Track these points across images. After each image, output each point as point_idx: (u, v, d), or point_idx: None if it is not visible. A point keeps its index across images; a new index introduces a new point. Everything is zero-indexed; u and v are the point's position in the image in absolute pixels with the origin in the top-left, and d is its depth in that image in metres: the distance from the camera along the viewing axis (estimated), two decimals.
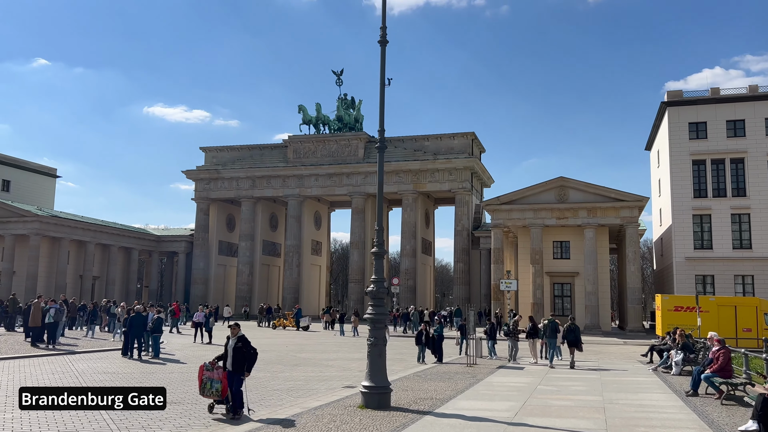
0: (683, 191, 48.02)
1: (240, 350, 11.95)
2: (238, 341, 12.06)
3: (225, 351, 12.15)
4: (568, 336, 23.18)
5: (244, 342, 12.08)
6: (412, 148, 66.21)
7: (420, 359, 24.61)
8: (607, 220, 46.90)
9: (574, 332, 23.14)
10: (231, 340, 12.20)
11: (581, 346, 23.72)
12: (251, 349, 12.09)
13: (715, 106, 48.17)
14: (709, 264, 47.18)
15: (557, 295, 49.53)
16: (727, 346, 14.89)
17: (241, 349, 11.96)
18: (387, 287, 13.31)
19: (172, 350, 26.95)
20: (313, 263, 74.95)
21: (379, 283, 13.30)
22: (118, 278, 70.88)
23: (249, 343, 12.12)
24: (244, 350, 11.96)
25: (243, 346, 12.00)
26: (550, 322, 24.35)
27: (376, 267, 13.56)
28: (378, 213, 13.57)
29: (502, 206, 48.46)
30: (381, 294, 13.27)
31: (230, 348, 12.06)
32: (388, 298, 61.01)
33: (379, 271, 13.52)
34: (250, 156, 71.67)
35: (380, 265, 13.59)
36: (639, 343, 38.21)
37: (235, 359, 11.89)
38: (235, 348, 11.99)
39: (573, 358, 23.05)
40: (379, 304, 13.32)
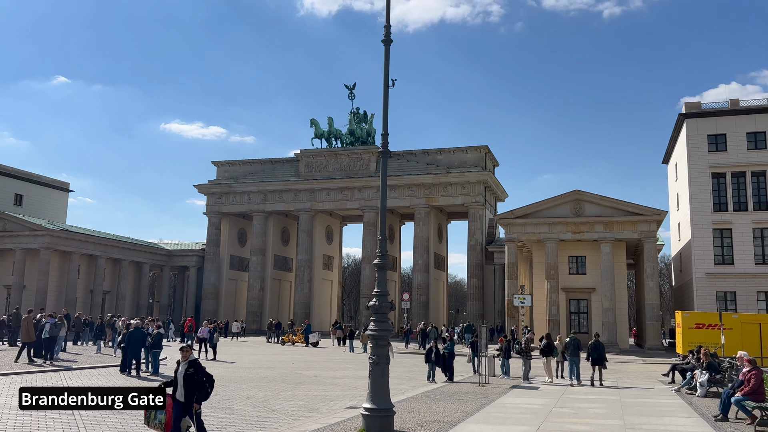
0: (702, 205, 46.69)
1: (191, 378, 9.81)
2: (189, 366, 9.92)
3: (174, 378, 10.02)
4: (592, 353, 22.62)
5: (197, 368, 9.97)
6: (425, 162, 65.40)
7: (430, 378, 23.61)
8: (624, 234, 45.66)
9: (598, 349, 22.56)
10: (181, 366, 10.01)
11: (606, 363, 23.00)
12: (204, 375, 9.97)
13: (735, 117, 46.93)
14: (730, 280, 45.70)
15: (573, 311, 48.20)
16: (758, 366, 13.76)
17: (192, 376, 9.82)
18: (391, 301, 12.39)
19: None
20: (324, 278, 74.10)
21: (382, 296, 12.42)
22: (128, 293, 70.47)
23: (202, 370, 10.05)
24: (195, 377, 9.82)
25: (195, 372, 9.87)
26: (573, 340, 23.65)
27: (378, 279, 12.70)
28: (381, 221, 12.73)
29: (516, 220, 47.41)
30: (384, 309, 12.39)
31: (180, 375, 9.90)
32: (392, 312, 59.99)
33: (382, 283, 12.65)
34: (262, 170, 71.28)
35: (383, 277, 12.73)
36: (659, 361, 36.86)
37: (186, 388, 9.77)
38: (186, 375, 9.83)
39: (600, 376, 22.57)
40: (381, 320, 12.43)
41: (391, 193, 65.06)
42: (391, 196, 65.08)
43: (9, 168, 69.49)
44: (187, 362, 9.97)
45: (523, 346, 24.65)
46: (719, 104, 47.90)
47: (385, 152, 13.00)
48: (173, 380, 10.02)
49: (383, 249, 12.73)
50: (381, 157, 13.07)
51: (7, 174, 68.86)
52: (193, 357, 10.17)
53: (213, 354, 30.08)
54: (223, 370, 25.20)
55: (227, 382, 20.72)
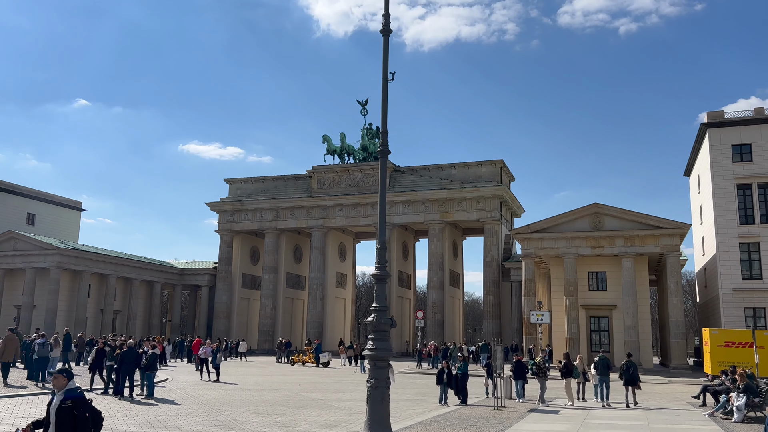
0: (728, 217, 44.83)
1: (67, 412, 7.39)
2: (66, 398, 7.49)
3: (47, 412, 7.58)
4: (625, 374, 21.97)
5: (77, 400, 7.50)
6: (439, 177, 64.21)
7: (442, 401, 22.15)
8: (646, 249, 43.91)
9: (630, 370, 21.94)
10: (55, 397, 7.62)
11: (639, 384, 22.35)
12: (89, 410, 7.55)
13: (760, 126, 45.18)
14: (759, 296, 43.65)
15: (594, 329, 46.34)
16: None
17: (69, 410, 7.39)
18: (391, 318, 11.09)
19: (175, 388, 24.94)
20: (337, 296, 72.76)
21: (381, 312, 11.14)
22: (140, 312, 69.65)
23: (85, 403, 7.58)
24: (75, 412, 7.39)
25: (74, 405, 7.43)
26: (602, 359, 22.71)
27: (377, 293, 11.42)
28: (380, 226, 11.50)
29: (533, 235, 45.85)
30: (383, 326, 11.11)
31: (53, 408, 7.48)
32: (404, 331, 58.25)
33: (381, 297, 11.37)
34: (274, 187, 70.52)
35: (382, 290, 11.46)
36: (685, 381, 34.98)
37: (60, 426, 7.36)
38: (60, 408, 7.41)
39: (634, 397, 22.02)
40: (381, 338, 11.14)
41: (404, 209, 63.92)
42: (405, 212, 63.92)
43: (21, 187, 69.39)
44: (62, 392, 7.55)
45: (540, 366, 23.15)
46: (743, 113, 46.18)
47: (384, 151, 11.82)
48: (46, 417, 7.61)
49: (382, 259, 11.48)
50: (380, 156, 11.90)
51: (19, 193, 68.75)
52: (74, 386, 7.69)
53: (216, 375, 28.81)
54: (224, 392, 23.92)
55: (224, 406, 19.44)
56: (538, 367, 23.40)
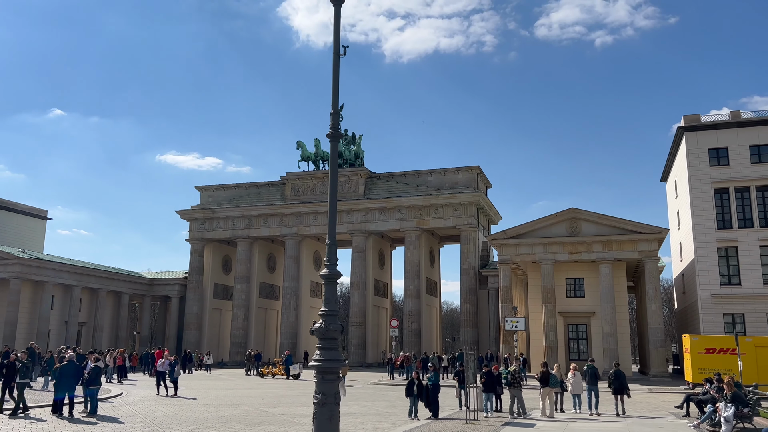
0: (706, 222, 44.21)
1: None
2: None
3: None
4: (613, 383, 21.89)
5: None
6: (415, 184, 63.04)
7: (411, 414, 20.78)
8: (624, 254, 43.08)
9: (619, 378, 21.85)
10: None
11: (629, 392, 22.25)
12: None
13: (737, 130, 44.74)
14: (737, 301, 43.00)
15: (572, 337, 45.33)
16: None
17: None
18: (341, 323, 9.71)
19: (125, 404, 23.21)
20: (312, 306, 71.00)
21: (330, 317, 9.78)
22: (106, 324, 67.29)
23: None
24: None
25: None
26: (590, 368, 22.70)
27: (326, 295, 10.07)
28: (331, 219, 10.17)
29: (510, 240, 44.82)
30: (332, 332, 9.74)
31: None
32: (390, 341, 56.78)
33: (331, 300, 10.02)
34: (247, 194, 68.82)
35: (332, 292, 10.10)
36: (666, 390, 34.01)
37: None
38: None
39: (623, 406, 21.84)
40: (330, 347, 9.77)
41: (380, 216, 62.64)
42: (381, 219, 62.63)
43: None
44: None
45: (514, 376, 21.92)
46: (720, 116, 45.72)
47: (335, 135, 10.52)
48: None
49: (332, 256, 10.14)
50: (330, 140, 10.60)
51: None
52: None
53: (174, 389, 27.09)
54: (178, 408, 22.27)
55: (172, 424, 17.85)
56: (512, 376, 22.15)
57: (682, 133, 46.16)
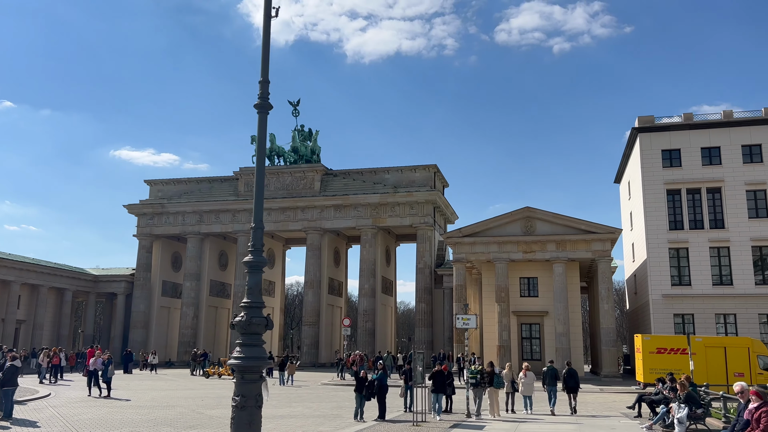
0: (658, 222, 44.49)
1: None
2: None
3: None
4: (569, 381, 22.34)
5: None
6: (372, 181, 62.08)
7: (357, 416, 19.80)
8: (578, 254, 43.02)
9: (574, 377, 22.45)
10: None
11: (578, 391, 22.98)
12: None
13: (689, 132, 45.20)
14: (687, 302, 43.37)
15: (525, 336, 45.10)
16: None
17: None
18: (267, 316, 8.66)
19: (49, 406, 21.59)
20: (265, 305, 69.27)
21: (253, 309, 8.73)
22: (48, 322, 64.33)
23: None
24: None
25: None
26: (550, 369, 22.99)
27: (250, 285, 9.01)
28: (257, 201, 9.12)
29: (465, 239, 44.30)
30: (256, 327, 8.69)
31: None
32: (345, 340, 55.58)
33: (255, 291, 8.96)
34: (199, 189, 66.73)
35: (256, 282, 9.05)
36: (617, 390, 33.88)
37: None
38: None
39: (576, 403, 22.36)
40: (252, 342, 8.71)
41: (336, 213, 61.52)
42: (336, 216, 61.51)
43: None
44: None
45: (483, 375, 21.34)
46: (673, 118, 46.11)
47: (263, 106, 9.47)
48: None
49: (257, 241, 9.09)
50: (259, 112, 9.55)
51: None
52: None
53: (107, 391, 25.48)
54: (107, 410, 20.79)
55: (96, 428, 16.46)
56: (482, 376, 21.45)
57: (637, 134, 46.41)
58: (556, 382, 22.65)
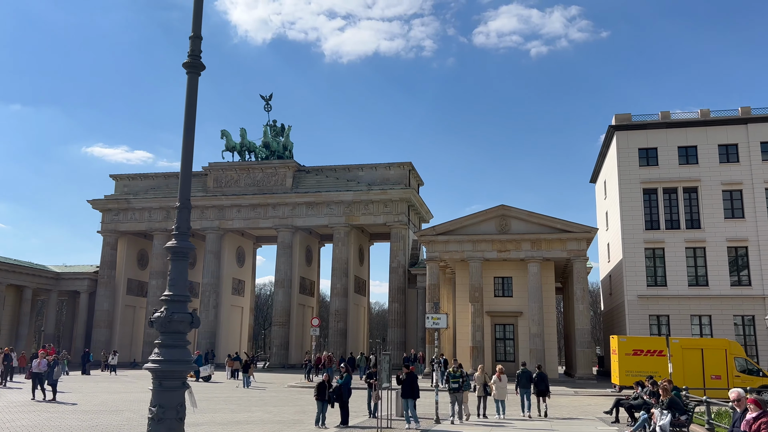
0: (634, 222, 43.82)
1: None
2: None
3: None
4: (539, 385, 21.98)
5: None
6: (345, 179, 60.68)
7: (319, 422, 18.44)
8: (553, 253, 42.14)
9: (544, 381, 22.15)
10: None
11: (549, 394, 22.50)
12: None
13: (666, 131, 44.62)
14: (663, 303, 42.75)
15: (499, 337, 44.09)
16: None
17: None
18: (191, 312, 7.26)
19: None
20: (234, 304, 67.56)
21: (176, 304, 7.34)
22: (5, 320, 61.83)
23: None
24: None
25: None
26: (524, 372, 22.51)
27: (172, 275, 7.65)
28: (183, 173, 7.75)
29: (438, 237, 43.16)
30: (177, 324, 7.30)
31: None
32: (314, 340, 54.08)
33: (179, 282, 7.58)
34: (166, 185, 64.69)
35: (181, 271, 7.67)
36: (592, 392, 32.96)
37: None
38: None
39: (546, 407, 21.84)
40: (173, 343, 7.33)
41: (308, 211, 60.02)
42: (309, 214, 60.01)
43: None
44: None
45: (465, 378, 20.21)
46: (650, 116, 45.51)
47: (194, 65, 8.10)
48: None
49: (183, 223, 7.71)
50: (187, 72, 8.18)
51: None
52: None
53: (53, 394, 23.74)
54: (46, 416, 19.13)
55: None
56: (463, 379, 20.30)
57: (614, 132, 45.71)
58: (530, 385, 22.21)
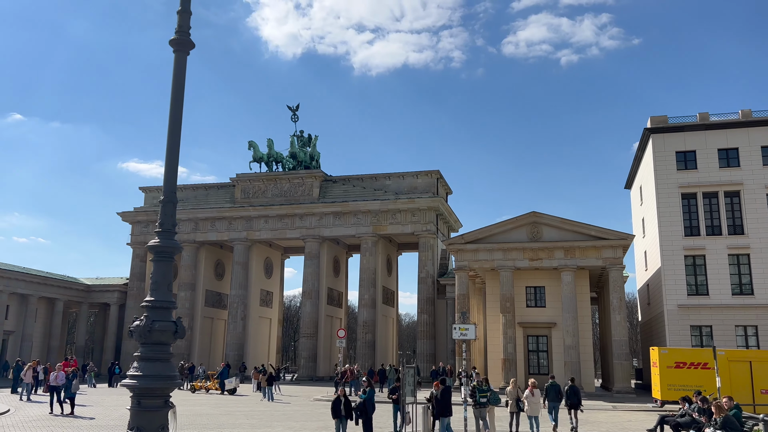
0: (672, 228, 41.96)
1: None
2: None
3: None
4: (571, 398, 21.38)
5: None
6: (372, 188, 59.83)
7: None
8: (587, 261, 40.53)
9: (577, 394, 21.56)
10: None
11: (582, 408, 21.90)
12: None
13: (705, 132, 42.75)
14: (705, 313, 40.73)
15: (532, 349, 42.51)
16: None
17: None
18: (175, 321, 6.34)
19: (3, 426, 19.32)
20: (262, 316, 67.00)
21: (158, 311, 6.43)
22: (37, 333, 62.30)
23: None
24: None
25: None
26: (553, 385, 21.76)
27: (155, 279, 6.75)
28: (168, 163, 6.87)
29: (467, 246, 41.91)
30: (159, 334, 6.39)
31: None
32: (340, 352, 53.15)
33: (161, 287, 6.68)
34: (194, 196, 64.68)
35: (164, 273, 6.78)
36: (632, 407, 31.24)
37: None
38: None
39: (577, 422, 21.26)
40: (154, 356, 6.42)
41: (335, 221, 59.30)
42: (336, 224, 59.29)
43: None
44: None
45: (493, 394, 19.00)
46: (687, 118, 43.68)
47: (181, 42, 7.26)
48: None
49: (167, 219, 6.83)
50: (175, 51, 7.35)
51: None
52: None
53: (71, 407, 23.18)
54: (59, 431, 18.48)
55: None
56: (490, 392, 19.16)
57: (649, 135, 43.99)
58: (560, 399, 21.51)
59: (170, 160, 7.21)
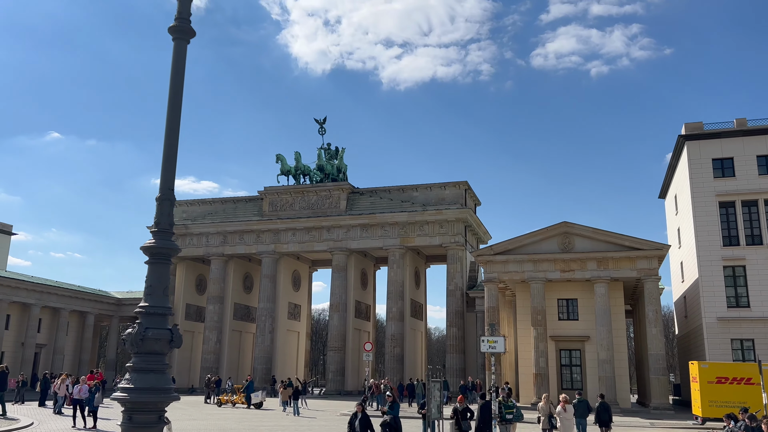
0: (710, 238, 40.48)
1: None
2: None
3: None
4: (602, 415, 21.17)
5: None
6: (400, 200, 59.28)
7: None
8: (621, 273, 39.27)
9: (608, 411, 21.42)
10: None
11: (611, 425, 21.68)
12: None
13: (743, 139, 41.28)
14: (746, 326, 39.07)
15: (564, 363, 41.26)
16: None
17: None
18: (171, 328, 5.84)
19: None
20: (290, 329, 66.70)
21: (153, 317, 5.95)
22: (69, 346, 62.92)
23: None
24: None
25: None
26: (582, 401, 21.32)
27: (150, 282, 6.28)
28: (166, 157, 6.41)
29: (497, 257, 41.00)
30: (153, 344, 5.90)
31: None
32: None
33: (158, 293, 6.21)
34: (223, 210, 64.92)
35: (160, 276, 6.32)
36: (671, 425, 29.91)
37: None
38: None
39: None
40: (148, 367, 5.94)
41: (362, 233, 58.88)
42: (363, 236, 58.85)
43: None
44: None
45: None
46: (724, 123, 42.27)
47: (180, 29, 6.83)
48: None
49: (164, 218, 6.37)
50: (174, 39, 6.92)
51: None
52: None
53: (93, 421, 22.94)
54: None
55: None
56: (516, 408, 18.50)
57: (683, 142, 42.66)
58: (588, 415, 21.11)
59: (168, 154, 6.76)
